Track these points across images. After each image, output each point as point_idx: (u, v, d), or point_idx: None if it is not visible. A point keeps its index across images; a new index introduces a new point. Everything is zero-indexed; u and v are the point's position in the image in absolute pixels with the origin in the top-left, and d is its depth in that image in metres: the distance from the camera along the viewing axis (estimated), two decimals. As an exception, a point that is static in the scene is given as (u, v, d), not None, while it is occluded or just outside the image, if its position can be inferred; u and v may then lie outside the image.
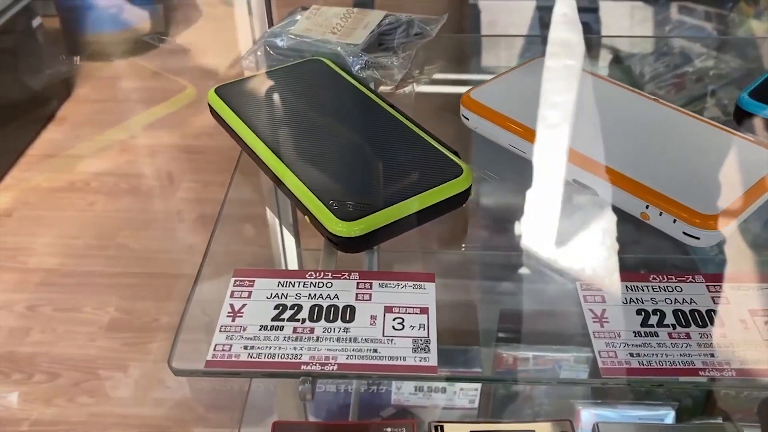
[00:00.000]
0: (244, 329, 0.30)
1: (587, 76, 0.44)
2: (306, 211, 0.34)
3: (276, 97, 0.43)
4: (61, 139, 1.29)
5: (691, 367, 0.29)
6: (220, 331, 0.30)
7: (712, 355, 0.29)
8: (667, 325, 0.30)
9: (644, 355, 0.29)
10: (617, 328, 0.30)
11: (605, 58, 0.58)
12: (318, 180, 0.35)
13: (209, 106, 0.42)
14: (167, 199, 1.20)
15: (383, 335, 0.30)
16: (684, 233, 0.33)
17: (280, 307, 0.32)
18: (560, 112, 0.40)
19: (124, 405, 0.87)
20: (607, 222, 0.36)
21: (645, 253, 0.37)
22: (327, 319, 0.31)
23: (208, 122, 0.43)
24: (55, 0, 1.56)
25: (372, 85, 0.45)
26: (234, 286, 0.33)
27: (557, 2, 0.57)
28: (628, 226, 0.36)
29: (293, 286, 0.32)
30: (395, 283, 0.33)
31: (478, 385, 0.77)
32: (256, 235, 0.49)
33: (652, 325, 0.30)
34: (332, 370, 0.29)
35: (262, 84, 0.44)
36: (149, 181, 1.23)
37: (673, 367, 0.29)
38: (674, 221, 0.33)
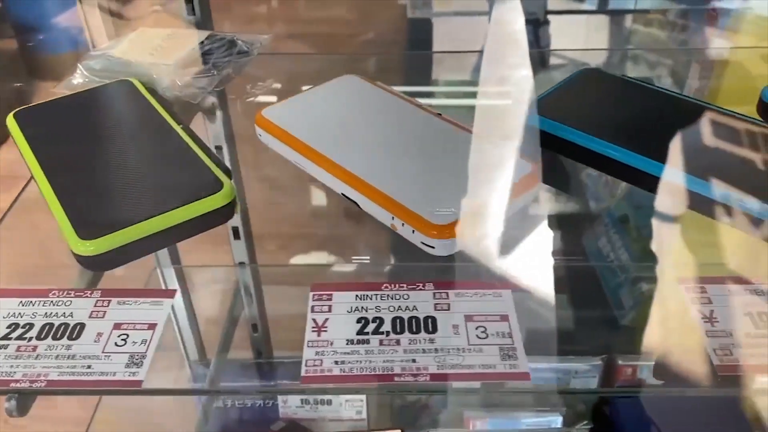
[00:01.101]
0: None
1: (380, 92, 0.45)
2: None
3: (68, 119, 0.43)
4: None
5: (389, 373, 0.29)
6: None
7: (414, 361, 0.30)
8: (382, 333, 0.31)
9: (348, 362, 0.30)
10: (333, 337, 0.31)
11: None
12: (71, 198, 0.35)
13: (8, 129, 0.43)
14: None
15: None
16: (422, 243, 0.34)
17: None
18: (336, 129, 0.41)
19: None
20: (363, 232, 0.37)
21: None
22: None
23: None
24: (12, 21, 1.56)
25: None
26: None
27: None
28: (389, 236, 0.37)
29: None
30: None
31: (363, 396, 0.78)
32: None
33: (367, 333, 0.31)
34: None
35: (59, 106, 0.44)
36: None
37: (373, 373, 0.29)
38: (413, 231, 0.34)
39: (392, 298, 0.33)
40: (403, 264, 0.49)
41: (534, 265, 0.39)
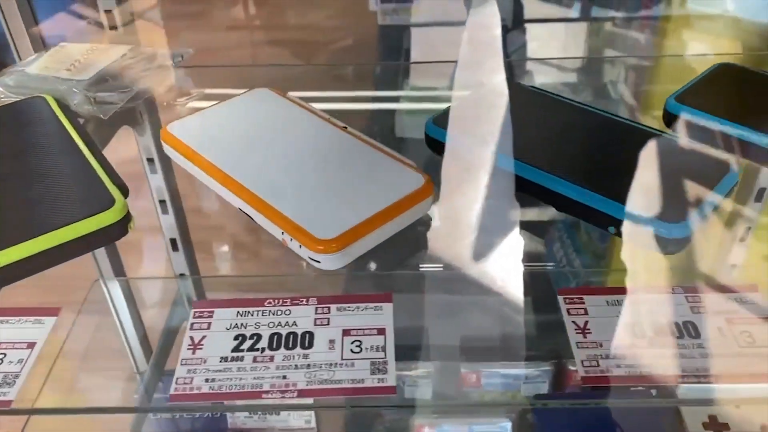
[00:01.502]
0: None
1: (288, 105, 0.46)
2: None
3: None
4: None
5: (257, 390, 0.30)
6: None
7: (284, 377, 0.30)
8: (258, 349, 0.31)
9: (218, 380, 0.30)
10: (207, 355, 0.31)
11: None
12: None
13: None
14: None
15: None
16: (309, 257, 0.34)
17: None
18: (236, 144, 0.42)
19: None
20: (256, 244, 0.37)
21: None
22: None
23: None
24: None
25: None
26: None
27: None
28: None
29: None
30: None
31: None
32: None
33: (242, 350, 0.31)
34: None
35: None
36: None
37: (241, 391, 0.30)
38: (300, 246, 0.35)
39: (273, 314, 0.33)
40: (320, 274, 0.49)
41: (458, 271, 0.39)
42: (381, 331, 0.32)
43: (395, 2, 2.03)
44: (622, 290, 0.33)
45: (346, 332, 0.32)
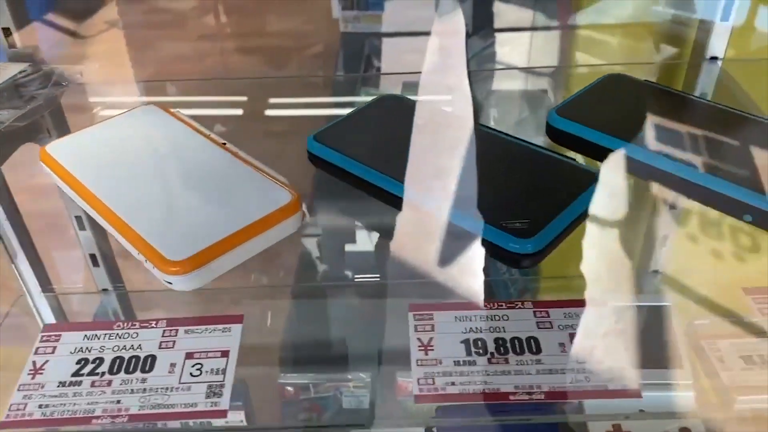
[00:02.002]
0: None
1: (171, 122, 0.45)
2: None
3: None
4: None
5: (89, 415, 0.29)
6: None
7: (118, 402, 0.30)
8: (98, 374, 0.31)
9: (53, 406, 0.30)
10: (46, 380, 0.31)
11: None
12: None
13: None
14: None
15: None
16: (164, 279, 0.34)
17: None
18: (109, 163, 0.41)
19: None
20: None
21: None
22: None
23: None
24: None
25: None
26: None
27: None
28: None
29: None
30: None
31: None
32: None
33: (82, 374, 0.31)
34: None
35: None
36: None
37: (73, 416, 0.29)
38: (153, 267, 0.34)
39: (120, 337, 0.33)
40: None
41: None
42: (225, 354, 0.32)
43: (357, 10, 2.04)
44: (471, 306, 0.33)
45: (189, 355, 0.32)
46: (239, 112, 0.63)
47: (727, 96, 0.53)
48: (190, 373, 0.31)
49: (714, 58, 0.55)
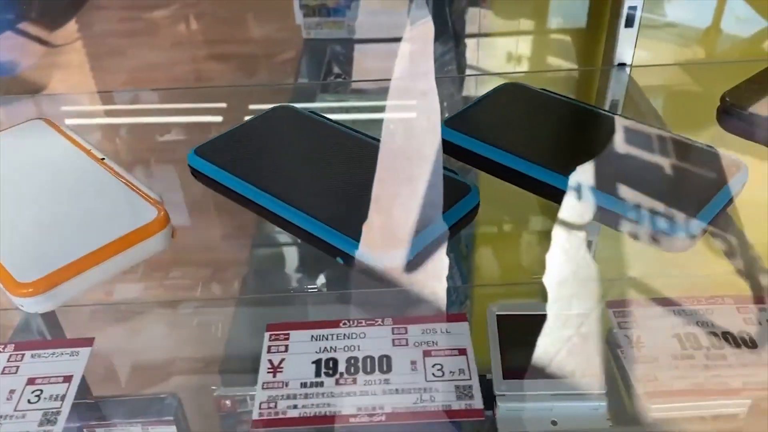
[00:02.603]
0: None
1: (56, 137, 0.44)
2: None
3: None
4: None
5: None
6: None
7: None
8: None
9: None
10: None
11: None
12: None
13: None
14: None
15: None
16: (15, 302, 0.33)
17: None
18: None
19: None
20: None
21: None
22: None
23: None
24: None
25: None
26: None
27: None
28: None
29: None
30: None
31: None
32: None
33: None
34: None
35: None
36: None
37: None
38: (4, 290, 0.33)
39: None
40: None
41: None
42: (67, 379, 0.31)
43: (319, 16, 2.04)
44: (329, 324, 0.33)
45: (30, 381, 0.31)
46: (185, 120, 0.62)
47: (630, 103, 0.53)
48: (28, 400, 0.30)
49: (622, 65, 0.55)
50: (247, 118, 0.46)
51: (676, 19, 0.59)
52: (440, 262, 0.36)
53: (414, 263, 0.34)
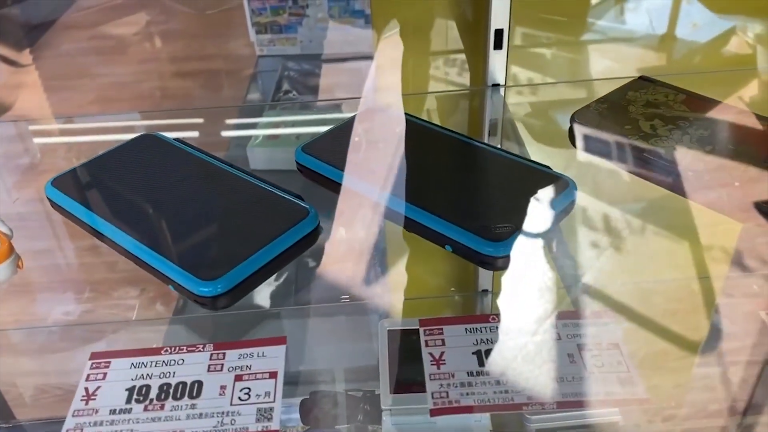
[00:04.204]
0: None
1: None
2: None
3: None
4: None
5: None
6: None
7: None
8: None
9: None
10: None
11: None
12: None
13: None
14: None
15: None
16: None
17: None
18: None
19: None
20: None
21: None
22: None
23: None
24: None
25: None
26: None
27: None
28: None
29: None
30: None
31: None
32: None
33: None
34: None
35: None
36: None
37: None
38: None
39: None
40: None
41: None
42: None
43: (271, 33, 2.05)
44: (151, 351, 0.34)
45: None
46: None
47: (498, 122, 0.55)
48: None
49: (496, 85, 0.57)
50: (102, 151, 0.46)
51: (634, 28, 0.61)
52: (270, 285, 0.37)
53: (242, 288, 0.35)
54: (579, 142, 0.46)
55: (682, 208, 0.41)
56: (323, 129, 0.48)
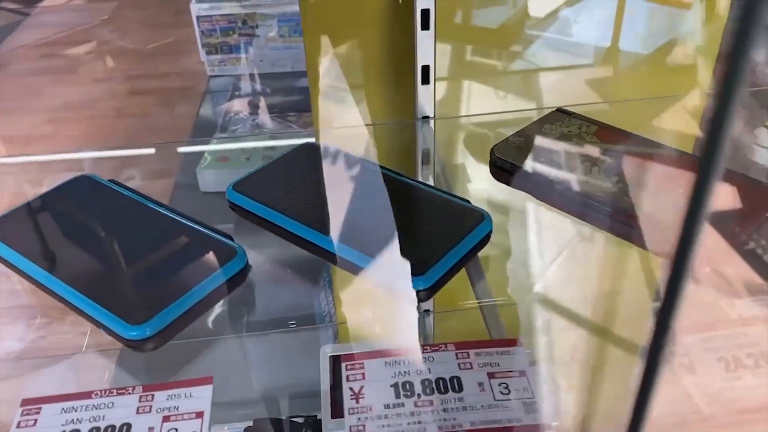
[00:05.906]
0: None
1: None
2: None
3: None
4: None
5: None
6: None
7: None
8: None
9: None
10: None
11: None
12: None
13: None
14: None
15: None
16: None
17: None
18: None
19: None
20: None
21: None
22: None
23: None
24: None
25: None
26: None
27: None
28: None
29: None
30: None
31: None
32: None
33: None
34: None
35: None
36: None
37: None
38: None
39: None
40: None
41: None
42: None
43: (221, 54, 2.06)
44: (81, 396, 0.35)
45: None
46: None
47: (428, 154, 0.57)
48: None
49: (426, 118, 0.59)
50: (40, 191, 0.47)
51: (581, 40, 0.63)
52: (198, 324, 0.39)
53: (171, 330, 0.37)
54: (496, 175, 0.49)
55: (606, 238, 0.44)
56: (275, 147, 0.49)
